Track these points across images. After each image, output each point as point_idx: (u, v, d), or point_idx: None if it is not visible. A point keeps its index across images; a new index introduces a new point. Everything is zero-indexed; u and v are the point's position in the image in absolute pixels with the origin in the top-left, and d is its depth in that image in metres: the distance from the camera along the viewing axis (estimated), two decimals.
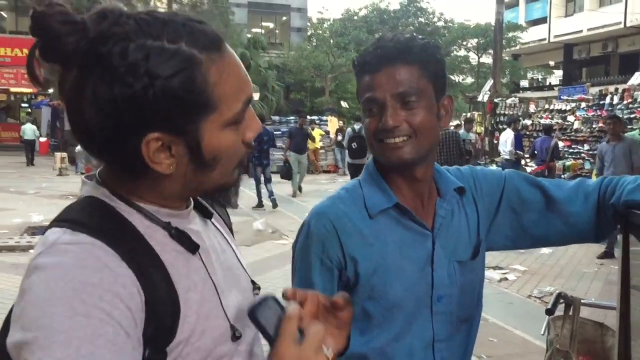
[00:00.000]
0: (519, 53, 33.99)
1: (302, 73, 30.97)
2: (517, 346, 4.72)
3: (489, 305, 5.66)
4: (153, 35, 0.77)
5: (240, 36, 29.12)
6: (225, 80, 0.81)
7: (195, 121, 0.80)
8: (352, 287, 1.29)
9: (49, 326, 0.71)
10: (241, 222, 9.95)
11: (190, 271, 0.87)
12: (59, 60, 0.77)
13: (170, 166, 0.81)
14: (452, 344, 1.34)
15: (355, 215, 1.28)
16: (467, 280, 1.35)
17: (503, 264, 7.38)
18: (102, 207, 0.85)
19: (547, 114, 16.27)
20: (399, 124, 1.22)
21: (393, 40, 1.24)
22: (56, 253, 0.77)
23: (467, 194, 1.37)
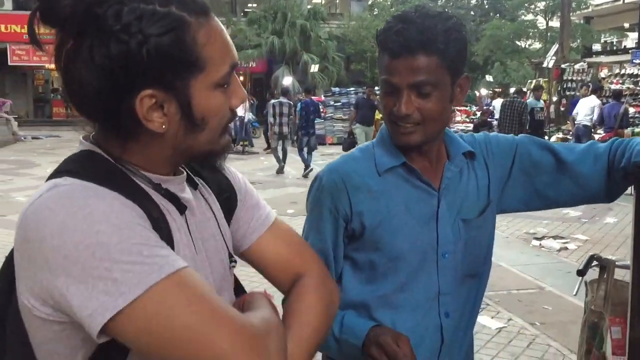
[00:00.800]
0: (590, 15, 32.34)
1: (363, 43, 30.63)
2: (571, 313, 4.68)
3: (546, 274, 5.67)
4: (145, 1, 0.82)
5: (300, 7, 29.04)
6: (213, 43, 0.87)
7: (185, 78, 0.85)
8: (358, 238, 1.37)
9: (100, 243, 0.74)
10: (300, 192, 10.14)
11: (180, 228, 0.92)
12: (57, 22, 0.83)
13: (162, 125, 0.86)
14: (458, 298, 1.40)
15: (365, 172, 1.37)
16: (472, 237, 1.40)
17: (564, 234, 7.25)
18: (97, 158, 0.88)
19: (618, 79, 15.55)
20: (411, 112, 1.28)
21: (416, 24, 1.25)
22: (61, 191, 0.79)
23: (478, 158, 1.43)
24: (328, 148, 18.35)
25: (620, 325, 2.08)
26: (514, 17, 34.11)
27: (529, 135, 1.50)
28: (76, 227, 0.75)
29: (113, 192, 0.81)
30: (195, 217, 0.98)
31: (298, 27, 27.40)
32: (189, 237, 0.94)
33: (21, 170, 12.95)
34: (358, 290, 1.39)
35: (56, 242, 0.75)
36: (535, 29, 33.45)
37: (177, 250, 0.87)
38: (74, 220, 0.76)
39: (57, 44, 0.85)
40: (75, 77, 0.83)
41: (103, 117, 0.87)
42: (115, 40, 0.80)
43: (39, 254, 0.77)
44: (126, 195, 0.82)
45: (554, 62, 17.65)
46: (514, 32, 31.79)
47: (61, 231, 0.75)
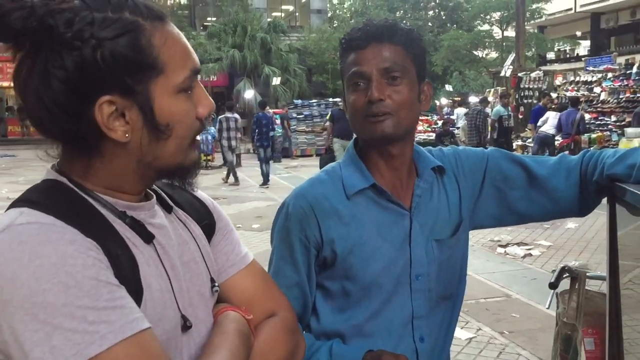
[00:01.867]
0: (544, 25, 33.23)
1: (324, 55, 30.78)
2: (539, 321, 4.72)
3: (512, 281, 5.72)
4: (96, 9, 0.80)
5: (260, 21, 29.05)
6: (170, 46, 0.85)
7: (144, 82, 0.83)
8: (330, 266, 1.32)
9: (45, 303, 0.71)
10: (265, 206, 10.05)
11: (148, 259, 0.87)
12: (9, 37, 0.80)
13: (125, 133, 0.83)
14: (432, 321, 1.36)
15: (333, 196, 1.32)
16: (445, 257, 1.37)
17: (528, 240, 7.34)
18: (61, 188, 0.85)
19: (573, 86, 15.96)
20: (384, 97, 1.26)
21: (379, 21, 1.31)
22: (15, 233, 0.76)
23: (448, 173, 1.40)
24: (292, 160, 18.32)
25: (594, 336, 2.07)
26: (471, 28, 34.79)
27: (499, 149, 1.48)
28: (24, 283, 0.72)
29: (71, 231, 0.77)
30: (171, 241, 0.94)
31: (258, 40, 27.37)
32: (159, 266, 0.89)
33: None
34: (331, 319, 1.35)
35: (6, 296, 0.73)
36: (491, 39, 34.17)
37: (145, 284, 0.84)
38: (25, 273, 0.73)
39: (15, 63, 0.82)
40: (32, 93, 0.81)
41: (64, 133, 0.84)
42: (68, 48, 0.78)
43: None
44: (86, 231, 0.79)
45: (511, 71, 18.03)
46: (471, 42, 32.42)
47: (12, 284, 0.72)
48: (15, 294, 0.72)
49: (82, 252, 0.76)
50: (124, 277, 0.80)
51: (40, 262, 0.73)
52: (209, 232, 1.06)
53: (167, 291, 0.88)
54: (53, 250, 0.74)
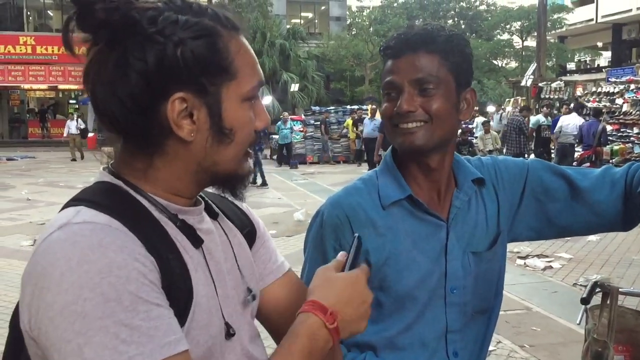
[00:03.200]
0: (565, 35, 33.03)
1: (342, 62, 30.85)
2: (560, 335, 4.62)
3: (532, 294, 5.62)
4: (179, 11, 0.84)
5: (280, 27, 29.20)
6: (243, 55, 0.88)
7: (218, 84, 0.85)
8: None
9: (84, 313, 0.72)
10: (281, 212, 10.03)
11: (197, 264, 0.88)
12: (92, 27, 0.82)
13: (191, 132, 0.85)
14: (467, 335, 1.32)
15: (369, 206, 1.29)
16: (482, 271, 1.32)
17: (548, 252, 7.22)
18: (116, 190, 0.87)
19: (595, 97, 15.78)
20: (414, 109, 1.22)
21: (419, 28, 1.27)
22: (70, 233, 0.77)
23: (487, 184, 1.35)
24: (309, 167, 18.32)
25: (624, 353, 2.01)
26: (490, 37, 34.65)
27: (540, 160, 1.43)
28: (68, 289, 0.73)
29: (123, 235, 0.79)
30: (218, 247, 0.95)
31: (277, 46, 27.51)
32: (207, 273, 0.90)
33: None
34: None
35: (50, 299, 0.74)
36: (511, 48, 34.01)
37: (195, 290, 0.85)
38: (71, 277, 0.74)
39: (89, 57, 0.85)
40: (106, 85, 0.83)
41: (132, 128, 0.85)
42: (150, 42, 0.81)
43: (37, 299, 0.76)
44: (139, 233, 0.80)
45: (532, 81, 17.88)
46: (490, 51, 32.30)
47: (57, 287, 0.74)
48: (58, 299, 0.73)
49: (129, 262, 0.76)
50: (174, 281, 0.81)
51: (88, 268, 0.74)
52: (250, 239, 1.07)
53: (213, 297, 0.89)
54: (102, 257, 0.75)
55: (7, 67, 26.16)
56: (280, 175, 15.40)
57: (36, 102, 30.54)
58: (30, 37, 26.87)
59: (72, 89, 29.36)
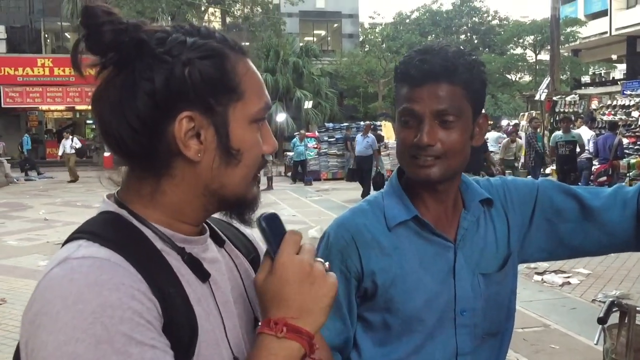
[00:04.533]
0: (578, 48, 32.88)
1: (355, 79, 30.97)
2: (579, 353, 4.55)
3: (550, 310, 5.54)
4: (187, 34, 0.85)
5: (293, 45, 29.39)
6: (250, 77, 0.89)
7: (225, 104, 0.85)
8: (371, 298, 1.28)
9: (75, 355, 0.71)
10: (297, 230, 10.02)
11: (200, 298, 0.86)
12: (101, 49, 0.83)
13: (198, 152, 0.84)
14: (478, 358, 1.30)
15: (375, 227, 1.28)
16: (493, 292, 1.31)
17: (566, 267, 7.14)
18: (119, 221, 0.85)
19: (610, 110, 15.66)
20: (434, 143, 1.21)
21: (440, 54, 1.22)
22: (68, 269, 0.77)
23: (496, 205, 1.34)
24: (323, 183, 18.31)
25: None
26: (504, 51, 34.61)
27: (551, 180, 1.41)
28: (61, 328, 0.72)
29: (122, 271, 0.77)
30: (224, 277, 0.94)
31: (291, 64, 27.68)
32: (213, 306, 0.88)
33: (13, 212, 12.78)
34: (372, 352, 1.30)
35: (44, 337, 0.73)
36: (524, 63, 33.92)
37: (200, 325, 0.83)
38: (66, 316, 0.73)
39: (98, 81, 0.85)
40: (114, 107, 0.83)
41: (139, 149, 0.84)
42: (158, 62, 0.82)
43: (33, 337, 0.75)
44: (140, 267, 0.78)
45: (546, 94, 17.79)
46: (503, 65, 32.24)
47: (53, 325, 0.73)
48: (51, 338, 0.72)
49: (124, 302, 0.74)
50: (176, 316, 0.80)
51: (82, 308, 0.73)
52: (255, 266, 1.04)
53: (220, 330, 0.87)
54: (96, 296, 0.74)
55: (25, 89, 26.59)
56: (294, 192, 15.42)
57: (54, 123, 30.97)
58: (48, 59, 27.33)
59: (89, 110, 29.50)
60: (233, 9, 28.26)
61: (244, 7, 28.27)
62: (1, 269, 7.59)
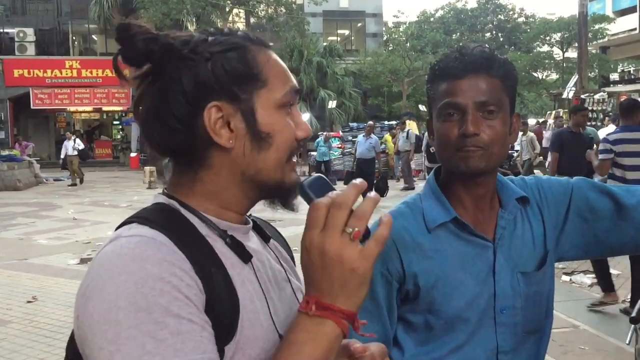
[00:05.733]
0: (607, 45, 32.30)
1: (379, 78, 30.87)
2: (609, 354, 4.48)
3: (579, 311, 5.46)
4: (210, 34, 0.93)
5: (317, 45, 29.43)
6: (272, 65, 0.93)
7: (248, 91, 0.90)
8: (413, 300, 1.30)
9: (116, 321, 0.75)
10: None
11: (244, 280, 0.89)
12: (135, 60, 0.90)
13: (230, 140, 0.89)
14: (518, 356, 1.31)
15: (415, 230, 1.29)
16: (532, 291, 1.31)
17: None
18: (168, 209, 0.91)
19: None
20: (479, 132, 1.22)
21: (476, 50, 1.27)
22: (118, 245, 0.83)
23: (531, 204, 1.35)
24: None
25: None
26: (530, 49, 34.21)
27: (585, 178, 1.40)
28: (105, 298, 0.77)
29: (167, 248, 0.81)
30: (265, 266, 0.97)
31: (314, 64, 27.72)
32: (257, 286, 0.91)
33: (43, 212, 13.02)
34: (413, 351, 1.32)
35: (90, 308, 0.78)
36: (551, 60, 33.47)
37: (242, 305, 0.86)
38: (110, 286, 0.78)
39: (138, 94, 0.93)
40: (151, 111, 0.90)
41: (176, 145, 0.90)
42: (184, 62, 0.88)
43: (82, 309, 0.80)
44: (184, 247, 0.83)
45: (574, 92, 17.52)
46: (530, 63, 31.84)
47: (99, 296, 0.78)
48: (97, 308, 0.77)
49: (165, 276, 0.78)
50: (218, 295, 0.83)
51: (125, 279, 0.77)
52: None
53: (264, 312, 0.90)
54: (140, 268, 0.78)
55: (53, 91, 27.09)
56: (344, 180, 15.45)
57: (82, 124, 31.49)
58: (76, 61, 27.83)
59: (115, 110, 30.22)
60: (257, 10, 28.39)
61: (268, 7, 28.38)
62: (32, 268, 7.75)
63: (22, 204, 14.31)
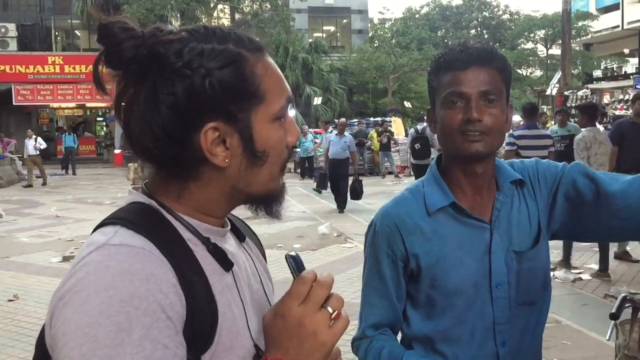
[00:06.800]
0: (590, 42, 32.62)
1: (364, 75, 30.92)
2: (591, 349, 4.52)
3: (562, 307, 5.50)
4: (203, 40, 0.86)
5: (302, 41, 29.40)
6: (270, 76, 0.90)
7: (246, 110, 0.87)
8: (417, 277, 1.42)
9: (94, 338, 0.74)
10: (306, 226, 10.03)
11: (224, 288, 0.89)
12: (120, 65, 0.85)
13: (225, 159, 0.87)
14: (514, 327, 1.41)
15: (416, 214, 1.42)
16: (525, 268, 1.40)
17: (577, 263, 7.09)
18: (150, 211, 0.89)
19: (622, 105, 15.53)
20: (482, 118, 1.33)
21: (477, 45, 1.39)
22: (106, 255, 0.80)
23: (527, 185, 1.44)
24: None
25: None
26: (514, 46, 34.43)
27: (580, 163, 1.45)
28: (87, 311, 0.76)
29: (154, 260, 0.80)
30: (241, 269, 0.97)
31: (300, 60, 27.71)
32: (235, 294, 0.91)
33: (25, 210, 12.89)
34: (420, 325, 1.45)
35: (69, 315, 0.77)
36: (535, 57, 33.72)
37: (220, 313, 0.86)
38: (95, 300, 0.76)
39: (118, 90, 0.87)
40: (139, 118, 0.85)
41: (166, 157, 0.87)
42: (178, 76, 0.83)
43: (59, 312, 0.78)
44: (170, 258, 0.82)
45: (557, 89, 17.67)
46: (514, 60, 32.04)
47: (80, 306, 0.76)
48: (75, 317, 0.76)
49: (151, 294, 0.77)
50: (198, 304, 0.82)
51: (111, 295, 0.76)
52: None
53: (241, 319, 0.90)
54: (127, 285, 0.77)
55: (36, 87, 26.77)
56: (304, 188, 15.42)
57: (65, 121, 31.18)
58: (59, 56, 27.49)
59: (99, 107, 29.93)
60: (242, 6, 28.27)
61: (253, 3, 28.26)
62: (13, 266, 7.66)
63: (3, 201, 14.13)
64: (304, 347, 0.84)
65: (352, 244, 8.56)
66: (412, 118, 24.08)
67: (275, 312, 0.86)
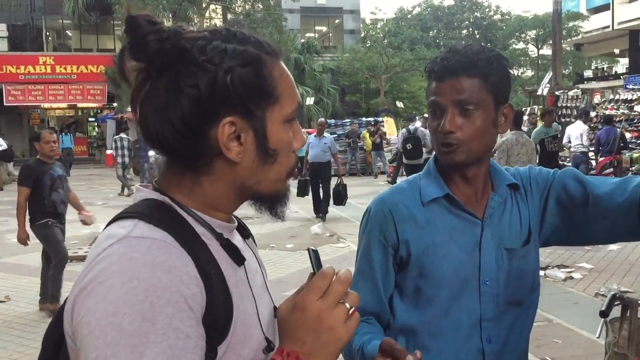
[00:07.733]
0: (581, 42, 32.79)
1: (357, 75, 30.95)
2: (582, 347, 4.55)
3: (553, 305, 5.54)
4: (225, 40, 0.90)
5: (294, 41, 29.39)
6: (284, 80, 0.94)
7: (263, 108, 0.91)
8: (405, 265, 1.44)
9: (119, 327, 0.76)
10: (299, 226, 10.03)
11: (237, 281, 0.92)
12: (145, 57, 0.87)
13: (239, 154, 0.90)
14: (501, 324, 1.42)
15: (410, 203, 1.45)
16: (515, 266, 1.42)
17: (568, 262, 7.14)
18: (164, 207, 0.91)
19: (612, 105, 15.64)
20: (454, 130, 1.35)
21: (460, 53, 1.39)
22: (129, 247, 0.82)
23: (521, 190, 1.47)
24: None
25: None
26: (505, 46, 34.55)
27: (572, 169, 1.50)
28: (112, 300, 0.78)
29: (176, 253, 0.83)
30: (249, 265, 0.99)
31: (292, 61, 27.69)
32: (247, 288, 0.94)
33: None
34: (405, 316, 1.46)
35: (93, 304, 0.78)
36: (526, 57, 33.86)
37: (235, 305, 0.88)
38: (120, 290, 0.78)
39: (137, 82, 0.90)
40: (158, 109, 0.88)
41: (182, 149, 0.90)
42: (202, 70, 0.86)
43: (82, 301, 0.80)
44: (189, 251, 0.84)
45: (548, 89, 17.76)
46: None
47: (104, 295, 0.78)
48: (100, 307, 0.78)
49: (174, 284, 0.80)
50: (215, 297, 0.85)
51: (136, 285, 0.78)
52: None
53: (253, 312, 0.93)
54: (151, 276, 0.79)
55: (27, 87, 26.64)
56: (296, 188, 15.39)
57: (56, 121, 31.03)
58: (50, 57, 27.38)
59: (91, 107, 29.83)
60: (234, 5, 28.22)
61: (245, 3, 28.22)
62: (5, 267, 7.63)
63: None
64: (320, 341, 0.85)
65: (345, 243, 8.57)
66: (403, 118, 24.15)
67: (293, 305, 0.88)
